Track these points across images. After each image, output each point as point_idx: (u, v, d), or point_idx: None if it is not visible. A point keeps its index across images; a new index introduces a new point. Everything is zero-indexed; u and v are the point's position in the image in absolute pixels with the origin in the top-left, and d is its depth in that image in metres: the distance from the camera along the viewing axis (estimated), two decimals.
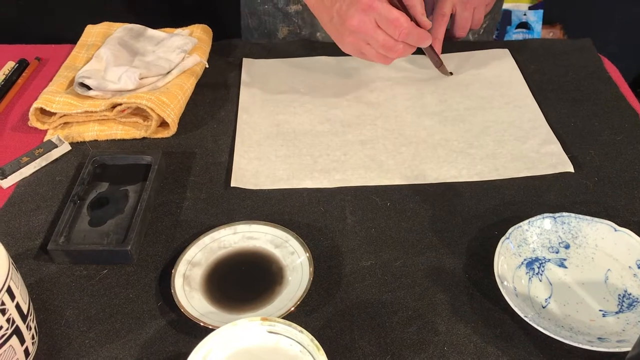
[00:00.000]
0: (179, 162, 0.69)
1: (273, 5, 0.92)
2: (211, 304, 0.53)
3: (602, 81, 0.80)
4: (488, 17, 0.96)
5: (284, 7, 0.91)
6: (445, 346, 0.50)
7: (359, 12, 0.65)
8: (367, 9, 0.64)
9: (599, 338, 0.49)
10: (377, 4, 0.64)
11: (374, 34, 0.65)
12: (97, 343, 0.51)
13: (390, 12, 0.64)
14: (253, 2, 0.94)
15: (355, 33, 0.66)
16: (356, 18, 0.65)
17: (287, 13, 0.91)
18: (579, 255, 0.57)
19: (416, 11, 0.67)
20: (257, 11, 0.94)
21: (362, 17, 0.65)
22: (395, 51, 0.67)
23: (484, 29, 0.97)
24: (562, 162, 0.67)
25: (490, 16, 0.96)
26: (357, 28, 0.65)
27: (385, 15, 0.64)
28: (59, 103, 0.71)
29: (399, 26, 0.64)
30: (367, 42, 0.67)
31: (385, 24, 0.65)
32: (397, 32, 0.65)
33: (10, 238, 0.60)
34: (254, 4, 0.94)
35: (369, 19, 0.65)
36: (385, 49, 0.67)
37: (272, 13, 0.93)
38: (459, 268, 0.57)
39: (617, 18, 1.81)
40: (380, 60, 0.69)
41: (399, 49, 0.67)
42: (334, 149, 0.70)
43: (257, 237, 0.59)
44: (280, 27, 0.93)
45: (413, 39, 0.67)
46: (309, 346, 0.44)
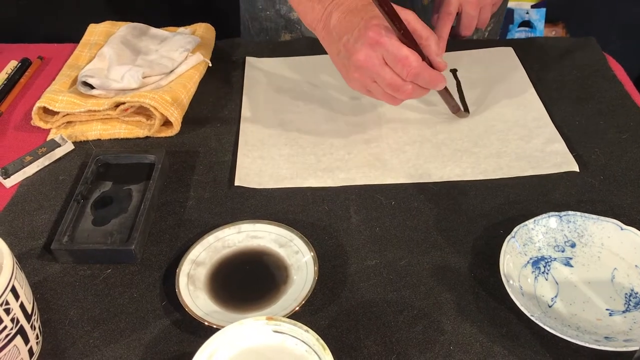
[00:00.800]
0: (183, 161, 0.69)
1: (275, 11, 0.91)
2: (215, 304, 0.53)
3: (606, 79, 0.79)
4: (493, 20, 0.96)
5: (286, 14, 0.90)
6: (451, 345, 0.50)
7: (366, 47, 0.60)
8: (374, 44, 0.59)
9: (606, 337, 0.49)
10: (384, 40, 0.58)
11: (380, 71, 0.60)
12: (101, 343, 0.51)
13: (399, 49, 0.58)
14: (254, 8, 0.93)
15: (361, 69, 0.61)
16: (362, 53, 0.60)
17: (290, 19, 0.90)
18: (585, 254, 0.56)
19: (430, 51, 0.61)
20: (259, 17, 0.93)
21: (369, 52, 0.60)
22: (403, 92, 0.61)
23: (488, 31, 0.97)
24: (567, 161, 0.67)
25: (495, 19, 0.96)
26: (363, 63, 0.60)
27: (393, 52, 0.58)
28: (62, 102, 0.71)
29: (407, 65, 0.59)
30: (373, 79, 0.62)
31: (393, 62, 0.59)
32: (405, 72, 0.59)
33: (13, 237, 0.60)
34: (255, 10, 0.93)
35: (375, 55, 0.60)
36: (393, 88, 0.61)
37: (274, 19, 0.92)
38: (464, 267, 0.56)
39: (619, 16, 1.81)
40: (388, 101, 0.64)
41: (408, 89, 0.61)
42: (338, 148, 0.70)
43: (262, 236, 0.58)
44: (283, 34, 0.93)
45: (423, 81, 0.61)
46: (314, 346, 0.44)
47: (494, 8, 0.82)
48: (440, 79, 0.62)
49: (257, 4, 0.92)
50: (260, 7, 0.92)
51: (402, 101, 0.64)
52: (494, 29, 0.98)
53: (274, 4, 0.90)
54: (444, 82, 0.63)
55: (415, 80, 0.61)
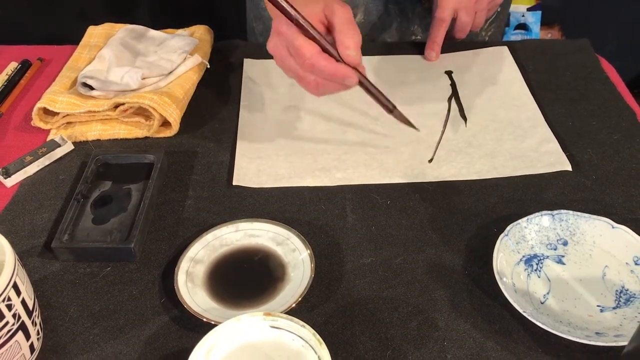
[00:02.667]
0: (181, 161, 0.70)
1: None
2: (214, 300, 0.54)
3: (599, 81, 0.81)
4: (494, 25, 0.97)
5: None
6: (445, 341, 0.51)
7: (273, 36, 0.61)
8: (278, 34, 0.60)
9: (597, 333, 0.50)
10: (284, 29, 0.58)
11: (285, 61, 0.61)
12: (101, 339, 0.52)
13: (295, 40, 0.58)
14: (258, 8, 0.94)
15: (274, 57, 0.62)
16: (272, 42, 0.61)
17: None
18: (577, 252, 0.57)
19: (340, 43, 0.59)
20: (262, 16, 0.94)
21: (275, 40, 0.61)
22: (307, 82, 0.60)
23: (489, 36, 0.98)
24: (560, 161, 0.68)
25: (496, 24, 0.97)
26: (272, 51, 0.62)
27: (291, 43, 0.58)
28: (62, 103, 0.72)
29: (300, 56, 0.58)
30: (286, 67, 0.62)
31: (293, 52, 0.59)
32: (299, 62, 0.59)
33: (14, 236, 0.61)
34: (258, 9, 0.94)
35: (281, 44, 0.60)
36: (297, 78, 0.61)
37: None
38: (458, 265, 0.57)
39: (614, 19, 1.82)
40: (307, 90, 0.62)
41: (310, 80, 0.60)
42: (335, 148, 0.71)
43: (259, 234, 0.59)
44: None
45: (322, 73, 0.59)
46: (311, 341, 0.45)
47: (489, 13, 0.83)
48: (345, 73, 0.59)
49: (261, 3, 0.93)
50: (263, 6, 0.93)
51: (323, 94, 0.62)
52: (494, 34, 0.98)
53: None
54: (350, 77, 0.59)
55: (313, 72, 0.59)
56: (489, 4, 0.81)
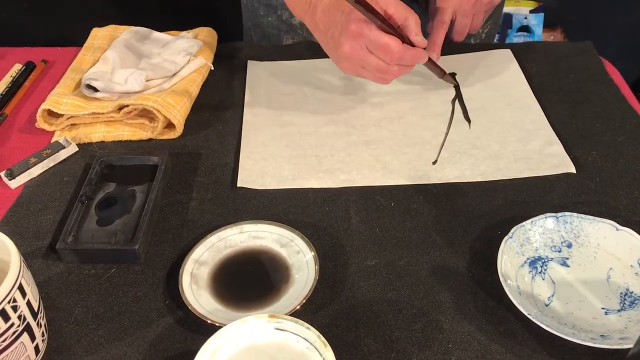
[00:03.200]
0: (185, 162, 0.70)
1: (277, 17, 0.92)
2: (218, 302, 0.54)
3: (603, 83, 0.81)
4: (490, 22, 0.97)
5: (288, 19, 0.91)
6: (450, 344, 0.51)
7: (349, 39, 0.64)
8: (356, 36, 0.64)
9: (602, 335, 0.50)
10: (365, 31, 0.63)
11: (366, 59, 0.65)
12: (105, 341, 0.52)
13: (379, 37, 0.63)
14: (256, 15, 0.94)
15: (349, 59, 0.66)
16: (347, 45, 0.65)
17: (292, 25, 0.91)
18: (581, 254, 0.57)
19: (409, 31, 0.65)
20: (261, 24, 0.94)
21: (353, 43, 0.64)
22: (390, 73, 0.67)
23: (485, 33, 0.98)
24: (565, 163, 0.68)
25: (491, 21, 0.97)
26: (350, 54, 0.65)
27: (375, 41, 0.63)
28: (67, 105, 0.72)
29: (389, 51, 0.63)
30: (362, 66, 0.67)
31: (375, 50, 0.64)
32: (388, 57, 0.64)
33: (19, 238, 0.61)
34: (256, 17, 0.94)
35: (359, 45, 0.64)
36: (381, 72, 0.66)
37: (276, 25, 0.93)
38: (462, 267, 0.57)
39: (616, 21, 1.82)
40: (379, 81, 0.69)
41: (394, 71, 0.66)
42: (339, 150, 0.71)
43: (263, 236, 0.59)
44: (285, 39, 0.94)
45: (407, 60, 0.66)
46: (316, 343, 0.45)
47: (487, 14, 0.84)
48: (422, 55, 0.67)
49: (259, 10, 0.93)
50: (262, 13, 0.93)
51: (392, 80, 0.69)
52: (490, 31, 0.99)
53: (275, 10, 0.91)
54: (425, 57, 0.68)
55: (399, 62, 0.65)
56: (486, 6, 0.81)
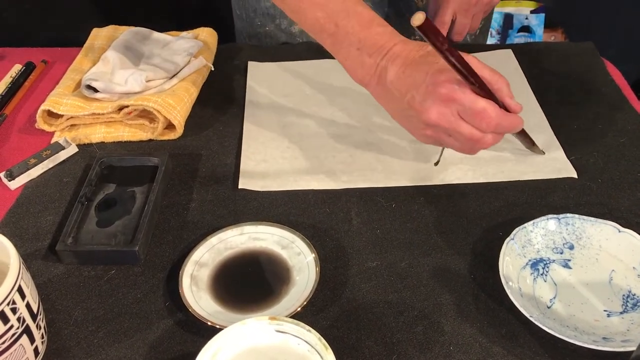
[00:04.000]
0: (186, 163, 0.70)
1: (275, 26, 0.90)
2: (218, 304, 0.54)
3: (604, 84, 0.80)
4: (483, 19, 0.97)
5: (287, 28, 0.90)
6: (451, 346, 0.51)
7: (437, 104, 0.55)
8: (447, 101, 0.55)
9: (604, 338, 0.50)
10: (459, 95, 0.54)
11: (457, 128, 0.56)
12: (105, 343, 0.52)
13: (476, 102, 0.54)
14: (252, 25, 0.92)
15: (434, 127, 0.57)
16: (435, 111, 0.55)
17: (292, 33, 0.90)
18: (583, 256, 0.57)
19: (503, 95, 0.57)
20: (257, 34, 0.93)
21: (442, 109, 0.55)
22: (483, 143, 0.57)
23: (479, 30, 0.98)
24: (566, 167, 0.67)
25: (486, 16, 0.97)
26: (437, 122, 0.56)
27: (470, 107, 0.55)
28: (66, 105, 0.72)
29: (486, 118, 0.55)
30: (448, 134, 0.58)
31: (470, 116, 0.55)
32: (484, 124, 0.55)
33: (18, 239, 0.61)
34: (253, 27, 0.92)
35: (450, 111, 0.55)
36: (473, 142, 0.57)
37: (274, 35, 0.92)
38: (464, 269, 0.57)
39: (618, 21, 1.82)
40: (465, 152, 0.60)
41: (488, 140, 0.57)
42: (340, 151, 0.71)
43: (264, 238, 0.59)
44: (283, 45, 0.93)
45: (504, 128, 0.57)
46: (316, 345, 0.45)
47: (484, 15, 0.84)
48: (519, 122, 0.59)
49: (255, 20, 0.92)
50: (259, 23, 0.92)
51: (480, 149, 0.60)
52: (484, 27, 0.99)
53: (273, 19, 0.90)
54: (521, 124, 0.59)
55: (496, 130, 0.57)
56: (485, 6, 0.81)
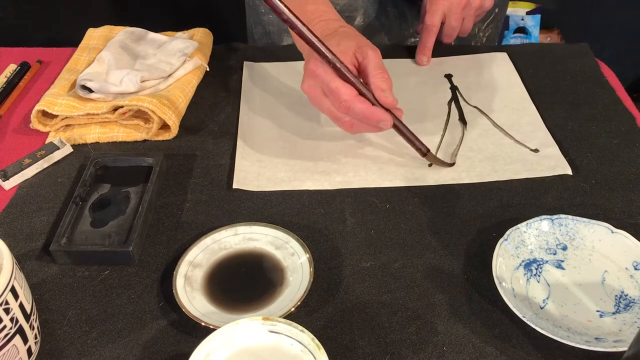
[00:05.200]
0: (180, 164, 0.70)
1: None
2: (212, 305, 0.54)
3: (599, 85, 0.81)
4: (491, 26, 0.97)
5: None
6: (444, 346, 0.51)
7: (308, 77, 0.62)
8: (312, 75, 0.61)
9: (596, 338, 0.50)
10: (319, 71, 0.60)
11: (320, 101, 0.63)
12: (99, 343, 0.52)
13: (331, 82, 0.59)
14: (257, 12, 0.94)
15: (308, 97, 0.64)
16: (306, 83, 0.63)
17: None
18: (577, 257, 0.57)
19: (375, 86, 0.60)
20: (262, 21, 0.94)
21: (310, 82, 0.62)
22: (342, 123, 0.62)
23: (486, 37, 0.98)
24: (561, 165, 0.68)
25: (493, 25, 0.97)
26: (307, 92, 0.63)
27: (327, 84, 0.60)
28: (61, 105, 0.72)
29: (337, 98, 0.60)
30: (319, 107, 0.64)
31: (329, 93, 0.61)
32: (336, 104, 0.61)
33: (12, 239, 0.61)
34: (258, 14, 0.94)
35: (316, 85, 0.62)
36: (332, 118, 0.63)
37: (276, 23, 0.93)
38: (457, 269, 0.57)
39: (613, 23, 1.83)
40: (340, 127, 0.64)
41: (346, 122, 0.62)
42: (335, 152, 0.71)
43: (258, 238, 0.59)
44: (285, 37, 0.94)
45: (357, 115, 0.60)
46: (309, 345, 0.45)
47: (477, 18, 0.84)
48: (380, 117, 0.60)
49: (260, 8, 0.93)
50: (263, 10, 0.93)
51: (357, 133, 0.65)
52: (491, 35, 0.99)
53: None
54: (385, 121, 0.61)
55: (349, 114, 0.61)
56: (476, 10, 0.82)
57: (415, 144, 0.67)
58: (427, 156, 0.67)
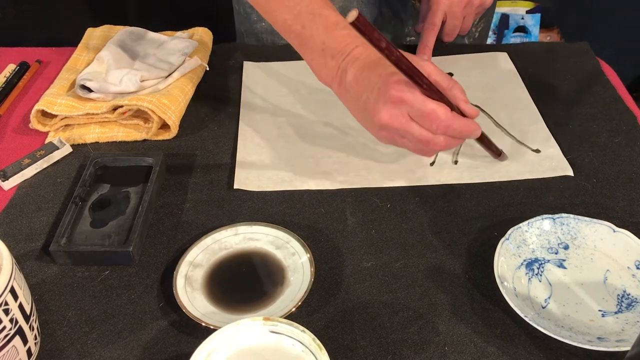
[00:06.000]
0: (180, 164, 0.70)
1: None
2: (213, 305, 0.54)
3: (599, 84, 0.80)
4: (483, 20, 0.97)
5: None
6: (446, 346, 0.50)
7: (389, 106, 0.56)
8: (397, 102, 0.56)
9: (599, 338, 0.50)
10: (408, 96, 0.55)
11: (408, 129, 0.57)
12: (99, 344, 0.51)
13: (425, 104, 0.55)
14: (249, 20, 0.92)
15: (386, 128, 0.58)
16: (386, 112, 0.56)
17: None
18: (578, 256, 0.57)
19: (457, 99, 0.58)
20: (254, 29, 0.93)
21: (393, 111, 0.56)
22: (435, 144, 0.58)
23: (479, 32, 0.98)
24: (562, 166, 0.67)
25: (485, 19, 0.97)
26: (388, 123, 0.57)
27: (419, 108, 0.55)
28: (61, 105, 0.72)
29: (435, 119, 0.56)
30: (401, 135, 0.59)
31: (419, 118, 0.56)
32: (434, 126, 0.56)
33: (12, 239, 0.61)
34: (249, 22, 0.92)
35: (400, 113, 0.56)
36: (424, 143, 0.58)
37: (270, 30, 0.91)
38: (459, 269, 0.57)
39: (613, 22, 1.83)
40: (421, 153, 0.61)
41: (440, 142, 0.58)
42: (336, 151, 0.71)
43: (258, 238, 0.59)
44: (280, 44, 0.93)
45: (455, 132, 0.57)
46: (311, 346, 0.45)
47: (477, 16, 0.84)
48: (474, 127, 0.59)
49: (252, 16, 0.92)
50: (255, 18, 0.92)
51: (436, 152, 0.62)
52: (483, 30, 0.99)
53: None
54: (478, 130, 0.60)
55: (447, 133, 0.58)
56: (476, 9, 0.82)
57: (492, 148, 0.66)
58: (501, 157, 0.68)
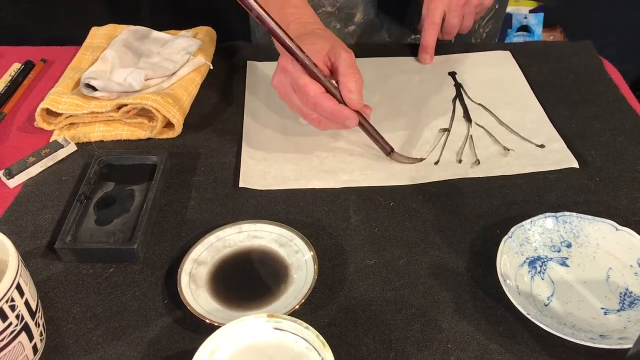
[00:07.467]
0: (184, 162, 0.70)
1: None
2: (217, 302, 0.54)
3: (602, 83, 0.81)
4: (491, 22, 0.97)
5: None
6: (449, 343, 0.51)
7: (278, 72, 0.63)
8: (283, 70, 0.62)
9: (601, 335, 0.50)
10: (289, 67, 0.61)
11: (289, 97, 0.64)
12: (103, 340, 0.52)
13: (299, 77, 0.60)
14: None
15: (278, 92, 0.65)
16: (276, 78, 0.64)
17: None
18: (581, 254, 0.57)
19: (344, 86, 0.61)
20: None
21: (280, 77, 0.63)
22: (310, 119, 0.63)
23: (486, 33, 0.98)
24: (567, 158, 0.68)
25: (493, 20, 0.97)
26: (276, 87, 0.64)
27: (295, 79, 0.61)
28: (65, 104, 0.72)
29: (305, 94, 0.61)
30: (287, 102, 0.65)
31: (297, 90, 0.62)
32: (304, 100, 0.62)
33: (17, 237, 0.61)
34: None
35: (286, 81, 0.63)
36: (300, 114, 0.64)
37: None
38: (462, 267, 0.57)
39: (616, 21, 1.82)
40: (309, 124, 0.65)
41: (313, 117, 0.63)
42: (340, 150, 0.71)
43: (262, 236, 0.59)
44: None
45: (324, 112, 0.62)
46: (314, 342, 0.45)
47: (477, 16, 0.84)
48: (347, 115, 0.62)
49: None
50: None
51: (325, 130, 0.65)
52: (492, 31, 0.99)
53: None
54: (352, 120, 0.62)
55: (316, 110, 0.62)
56: (476, 7, 0.82)
57: (380, 143, 0.68)
58: (392, 155, 0.68)
